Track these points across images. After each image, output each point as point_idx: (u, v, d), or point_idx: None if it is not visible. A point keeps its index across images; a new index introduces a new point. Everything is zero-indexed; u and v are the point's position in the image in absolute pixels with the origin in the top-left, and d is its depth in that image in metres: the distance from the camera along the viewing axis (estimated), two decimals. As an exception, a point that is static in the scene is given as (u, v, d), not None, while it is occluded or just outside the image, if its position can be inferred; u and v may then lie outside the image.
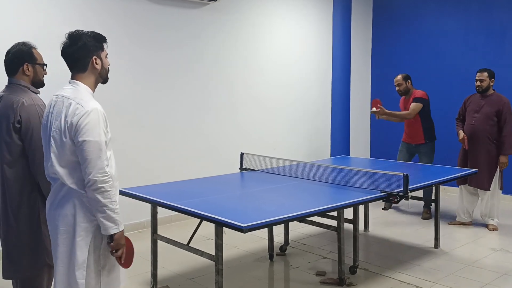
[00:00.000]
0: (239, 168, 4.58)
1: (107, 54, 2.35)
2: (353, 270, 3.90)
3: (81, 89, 2.24)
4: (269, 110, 6.54)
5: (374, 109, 5.38)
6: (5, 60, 2.72)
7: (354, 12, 7.20)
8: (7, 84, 2.74)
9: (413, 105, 5.51)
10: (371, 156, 7.88)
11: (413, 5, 7.43)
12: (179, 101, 5.59)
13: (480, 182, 5.04)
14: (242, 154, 4.56)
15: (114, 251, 2.24)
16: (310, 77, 7.05)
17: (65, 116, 2.15)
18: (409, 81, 5.67)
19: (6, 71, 2.73)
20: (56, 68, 2.93)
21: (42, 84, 2.80)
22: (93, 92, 2.30)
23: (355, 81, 7.45)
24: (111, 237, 2.20)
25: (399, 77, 5.68)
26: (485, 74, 5.06)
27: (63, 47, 2.27)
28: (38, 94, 2.76)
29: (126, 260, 2.32)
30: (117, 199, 2.22)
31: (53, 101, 2.26)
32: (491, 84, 5.09)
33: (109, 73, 2.35)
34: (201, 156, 5.77)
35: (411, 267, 4.04)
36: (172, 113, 5.52)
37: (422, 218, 5.60)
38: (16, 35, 4.31)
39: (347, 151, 6.86)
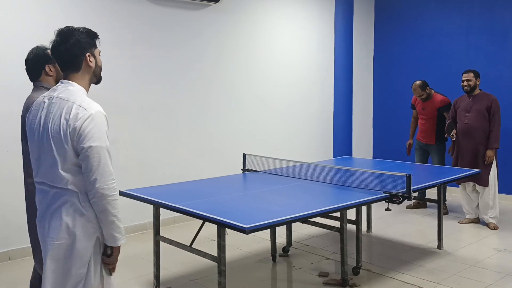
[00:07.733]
0: (242, 169, 4.57)
1: (100, 52, 2.20)
2: (356, 271, 3.90)
3: (77, 90, 2.08)
4: (271, 110, 6.54)
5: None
6: (26, 69, 2.75)
7: (356, 12, 7.20)
8: (33, 87, 2.74)
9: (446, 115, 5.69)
10: (373, 157, 7.87)
11: (415, 4, 7.41)
12: (181, 102, 5.59)
13: (479, 179, 5.11)
14: (244, 155, 4.56)
15: (109, 263, 2.13)
16: (312, 77, 7.04)
17: (66, 120, 1.98)
18: (428, 88, 5.79)
19: (30, 78, 2.75)
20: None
21: None
22: (87, 93, 2.15)
23: (357, 81, 7.44)
24: (112, 248, 2.10)
25: (418, 88, 5.76)
26: (471, 74, 5.21)
27: (53, 45, 2.12)
28: None
29: None
30: None
31: (44, 103, 2.09)
32: (477, 83, 5.22)
33: (101, 72, 2.22)
34: (203, 157, 5.76)
35: (414, 268, 4.04)
36: (174, 113, 5.52)
37: (408, 207, 6.07)
38: (16, 35, 4.34)
39: (349, 152, 6.84)
